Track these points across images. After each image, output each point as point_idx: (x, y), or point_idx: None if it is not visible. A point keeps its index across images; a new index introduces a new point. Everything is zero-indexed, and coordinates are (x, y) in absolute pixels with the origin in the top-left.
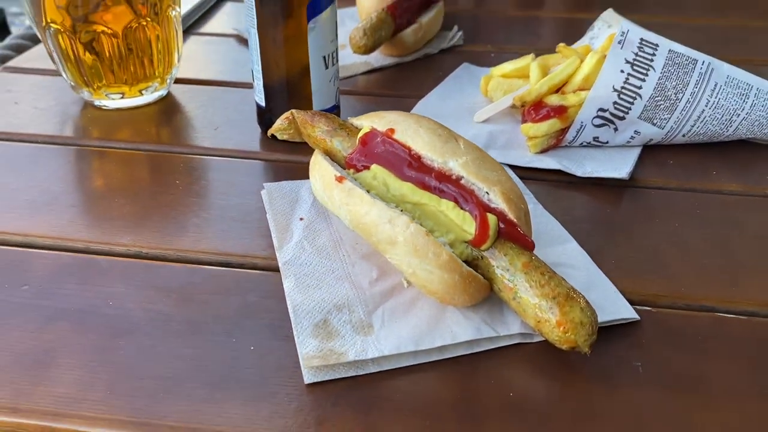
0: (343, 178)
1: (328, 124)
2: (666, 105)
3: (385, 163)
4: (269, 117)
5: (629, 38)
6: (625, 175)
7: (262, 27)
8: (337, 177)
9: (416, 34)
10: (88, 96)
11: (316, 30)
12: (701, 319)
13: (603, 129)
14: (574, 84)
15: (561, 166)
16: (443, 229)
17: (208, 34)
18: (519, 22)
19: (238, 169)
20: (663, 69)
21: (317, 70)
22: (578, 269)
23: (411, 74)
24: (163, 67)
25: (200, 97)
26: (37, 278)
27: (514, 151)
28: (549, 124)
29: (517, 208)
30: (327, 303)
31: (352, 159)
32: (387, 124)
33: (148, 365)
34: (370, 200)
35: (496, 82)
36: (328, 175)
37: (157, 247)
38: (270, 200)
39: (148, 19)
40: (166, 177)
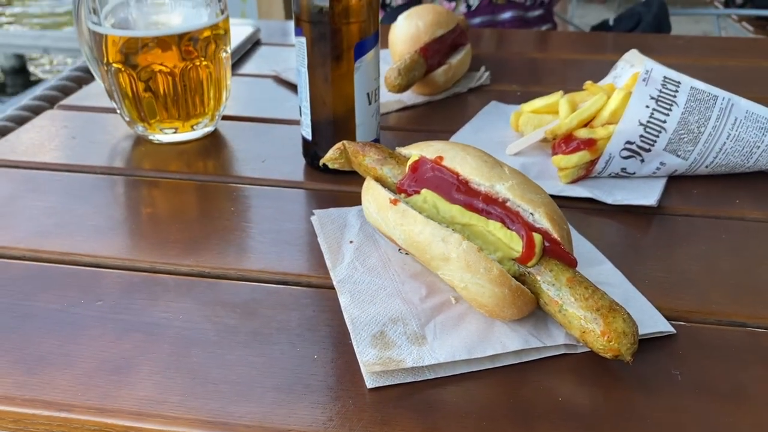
0: (397, 200)
1: (378, 153)
2: (689, 138)
3: (435, 187)
4: (315, 150)
5: (653, 76)
6: (654, 203)
7: (313, 67)
8: (391, 200)
9: (446, 74)
10: (143, 131)
11: (361, 69)
12: (733, 333)
13: (630, 160)
14: (602, 118)
15: (592, 195)
16: (491, 247)
17: (247, 75)
18: (541, 63)
19: (287, 198)
20: (686, 104)
21: (362, 105)
22: (615, 287)
23: (442, 111)
24: (213, 104)
25: (246, 133)
26: (110, 295)
27: (546, 181)
28: (579, 156)
29: (560, 228)
30: (382, 316)
31: (403, 184)
32: (435, 152)
33: (220, 371)
34: (423, 220)
35: (527, 117)
36: (382, 199)
37: (218, 267)
38: (321, 225)
39: (201, 59)
40: (219, 204)
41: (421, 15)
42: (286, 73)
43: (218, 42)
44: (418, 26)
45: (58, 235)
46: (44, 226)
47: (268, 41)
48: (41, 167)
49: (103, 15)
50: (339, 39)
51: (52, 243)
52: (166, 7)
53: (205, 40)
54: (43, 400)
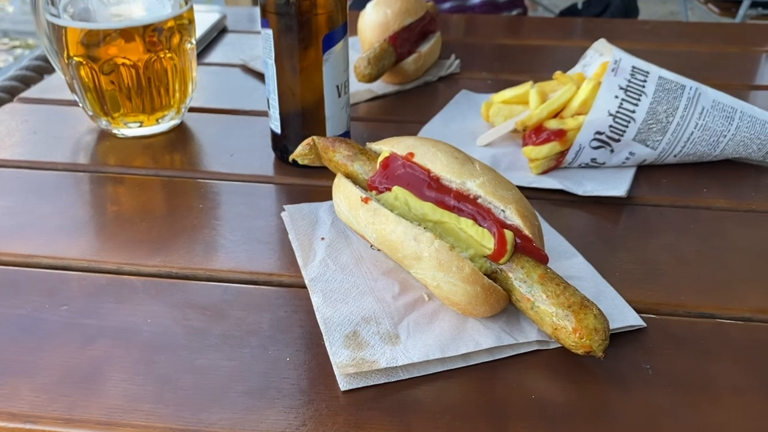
0: (369, 198)
1: (348, 149)
2: (658, 128)
3: (406, 184)
4: (284, 144)
5: (622, 66)
6: (623, 193)
7: (280, 58)
8: (362, 198)
9: (416, 63)
10: (107, 125)
11: (330, 61)
12: (702, 325)
13: (600, 151)
14: (572, 109)
15: (562, 186)
16: (463, 245)
17: (214, 64)
18: (510, 49)
19: (257, 193)
20: (654, 94)
21: (331, 98)
22: (587, 281)
23: (412, 101)
24: (179, 97)
25: (213, 125)
26: (76, 299)
27: (516, 172)
28: (549, 147)
29: (531, 225)
30: (355, 316)
31: (374, 181)
32: (406, 148)
33: (190, 377)
34: (395, 219)
35: (497, 107)
36: (354, 197)
37: (187, 267)
38: (292, 221)
39: (165, 51)
40: (187, 201)
41: (390, 3)
42: (253, 62)
43: (183, 33)
44: (387, 14)
45: (20, 236)
46: (4, 227)
47: (234, 28)
48: (0, 164)
49: (62, 6)
50: (306, 31)
51: (14, 245)
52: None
53: (169, 32)
54: (8, 411)
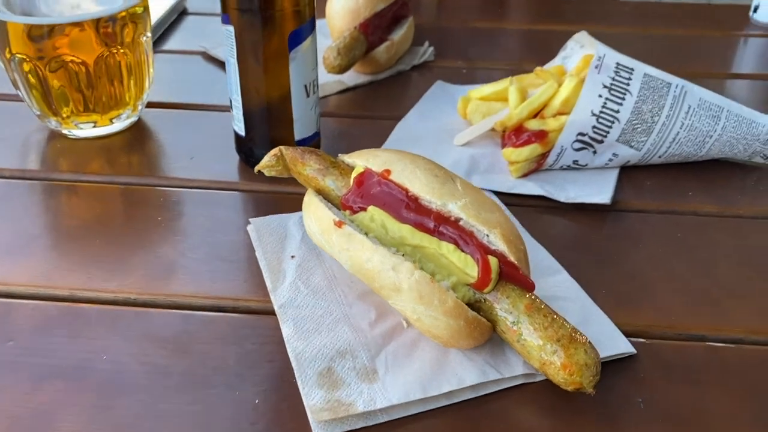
0: (342, 222)
1: (319, 162)
2: (643, 128)
3: (383, 204)
4: (249, 147)
5: (606, 63)
6: (608, 200)
7: (243, 57)
8: (335, 222)
9: (389, 52)
10: (56, 125)
11: (297, 60)
12: (693, 349)
13: (582, 152)
14: (553, 108)
15: (544, 192)
16: (444, 272)
17: (172, 51)
18: (485, 34)
19: (220, 202)
20: (639, 93)
21: (299, 99)
22: (573, 301)
23: (386, 93)
24: (135, 93)
25: (172, 122)
26: (23, 332)
27: (496, 175)
28: (530, 149)
29: (517, 250)
30: (329, 349)
31: (347, 200)
32: (382, 164)
33: (151, 425)
34: (371, 246)
35: (475, 104)
36: (326, 219)
37: (146, 292)
38: (258, 237)
39: (118, 47)
40: (145, 213)
41: None
42: (215, 49)
43: (137, 25)
44: (357, 0)
45: None
46: None
47: (195, 10)
48: None
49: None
50: (271, 28)
51: None
52: None
53: (122, 24)
54: None
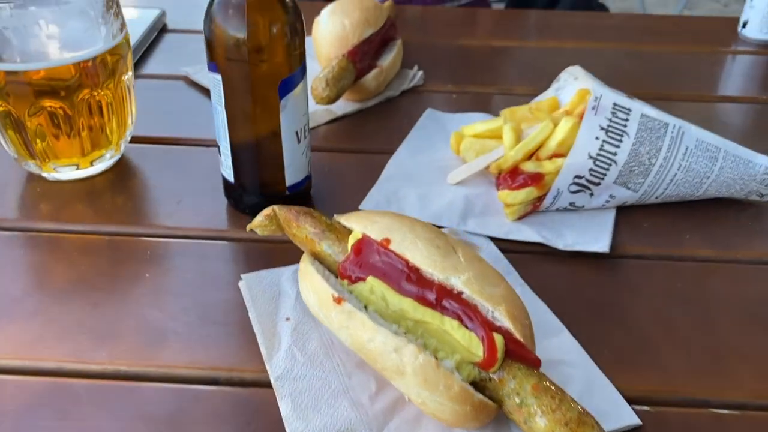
0: (342, 299)
1: (314, 225)
2: (640, 170)
3: (382, 275)
4: (239, 194)
5: (602, 103)
6: (606, 249)
7: (231, 106)
8: (335, 297)
9: (377, 79)
10: (35, 168)
11: (288, 107)
12: (698, 417)
13: (579, 195)
14: (549, 149)
15: (541, 238)
16: (448, 348)
17: (153, 76)
18: (472, 53)
19: (210, 254)
20: (636, 134)
21: (290, 145)
22: (576, 367)
23: (375, 122)
24: (117, 134)
25: (157, 160)
26: (8, 414)
27: (492, 218)
28: (526, 192)
29: (522, 326)
30: (329, 429)
31: (345, 269)
32: (381, 231)
33: None
34: (373, 326)
35: (468, 142)
36: (325, 294)
37: (137, 363)
38: (251, 296)
39: (99, 90)
40: (133, 268)
41: (347, 12)
42: (198, 74)
43: (118, 65)
44: (345, 25)
45: None
46: None
47: (175, 27)
48: None
49: None
50: (260, 77)
51: None
52: (52, 32)
53: (103, 65)
54: None
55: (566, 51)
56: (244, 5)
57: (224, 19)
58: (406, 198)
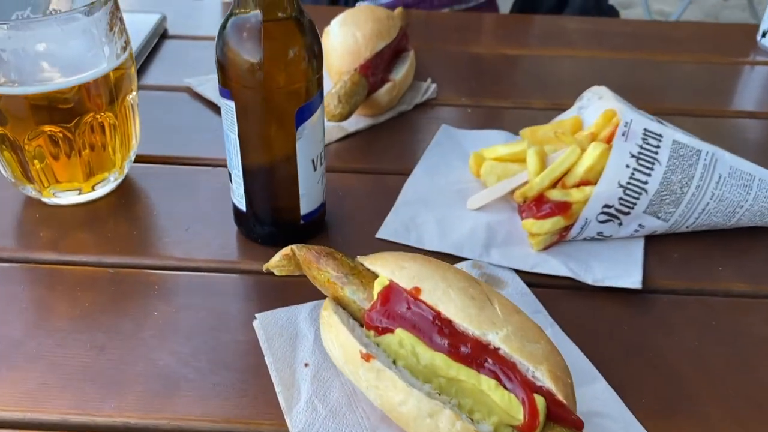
0: (371, 356)
1: (337, 268)
2: (671, 199)
3: (412, 327)
4: (251, 222)
5: (633, 129)
6: (638, 285)
7: (245, 134)
8: (363, 354)
9: (390, 94)
10: (35, 193)
11: (305, 136)
12: None
13: (607, 224)
14: (576, 176)
15: (569, 272)
16: (485, 410)
17: (155, 87)
18: (485, 63)
19: (221, 289)
20: (668, 162)
21: (306, 174)
22: (615, 420)
23: (388, 139)
24: (120, 157)
25: (162, 181)
26: None
27: (516, 248)
28: (552, 222)
29: (564, 385)
30: None
31: (372, 318)
32: (410, 279)
33: None
34: (405, 388)
35: (489, 165)
36: (351, 348)
37: (147, 415)
38: (267, 339)
39: (101, 113)
40: (140, 306)
41: (359, 23)
42: (201, 87)
43: (122, 85)
44: (357, 38)
45: None
46: None
47: (176, 33)
48: None
49: None
50: (276, 105)
51: None
52: (53, 53)
53: (106, 86)
54: None
55: (580, 60)
56: (259, 27)
57: (238, 42)
58: (424, 225)
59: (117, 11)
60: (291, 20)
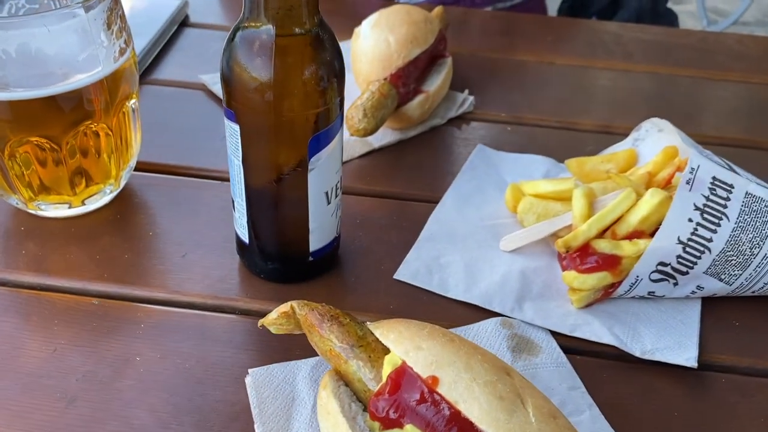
0: None
1: (342, 336)
2: (738, 260)
3: (426, 425)
4: (254, 256)
5: (699, 176)
6: (694, 363)
7: (249, 162)
8: None
9: (422, 107)
10: (21, 205)
11: (318, 168)
12: None
13: (661, 284)
14: (629, 225)
15: (614, 338)
16: None
17: (167, 83)
18: (530, 72)
19: (215, 334)
20: (738, 218)
21: (317, 208)
22: None
23: (416, 157)
24: (115, 170)
25: (163, 195)
26: None
27: (553, 303)
28: (598, 278)
29: None
30: None
31: (378, 408)
32: (427, 362)
33: None
34: None
35: (528, 203)
36: None
37: None
38: (258, 401)
39: (95, 123)
40: (122, 348)
41: (393, 26)
42: (216, 86)
43: (120, 91)
44: (389, 43)
45: None
46: None
47: (197, 20)
48: None
49: None
50: (287, 134)
51: None
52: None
53: (102, 93)
54: None
55: (637, 76)
56: (271, 43)
57: (246, 56)
58: (450, 267)
59: (117, 7)
60: (308, 36)
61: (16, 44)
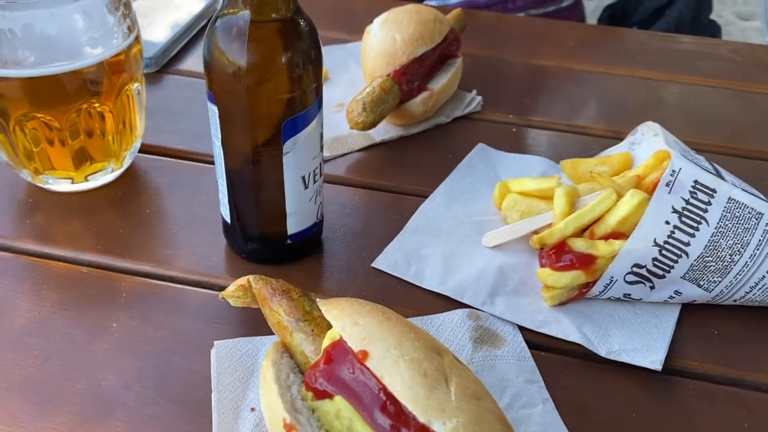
0: (294, 427)
1: (290, 310)
2: (718, 267)
3: (353, 397)
4: (236, 237)
5: (680, 179)
6: (658, 366)
7: (227, 143)
8: (286, 423)
9: (426, 104)
10: (30, 178)
11: (294, 151)
12: None
13: (637, 286)
14: (607, 225)
15: (581, 337)
16: None
17: (189, 73)
18: (546, 77)
19: (191, 307)
20: (719, 223)
21: (294, 192)
22: None
23: (417, 154)
24: (119, 148)
25: (166, 177)
26: None
27: (525, 299)
28: (572, 276)
29: None
30: None
31: (311, 379)
32: (360, 337)
33: None
34: None
35: (513, 200)
36: (276, 413)
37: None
38: (218, 372)
39: (97, 104)
40: (102, 314)
41: (400, 24)
42: None
43: (123, 74)
44: (395, 41)
45: None
46: None
47: None
48: None
49: None
50: (260, 116)
51: None
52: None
53: (104, 75)
54: None
55: (657, 85)
56: (246, 27)
57: (224, 41)
58: (429, 258)
59: None
60: (284, 22)
61: (21, 24)
